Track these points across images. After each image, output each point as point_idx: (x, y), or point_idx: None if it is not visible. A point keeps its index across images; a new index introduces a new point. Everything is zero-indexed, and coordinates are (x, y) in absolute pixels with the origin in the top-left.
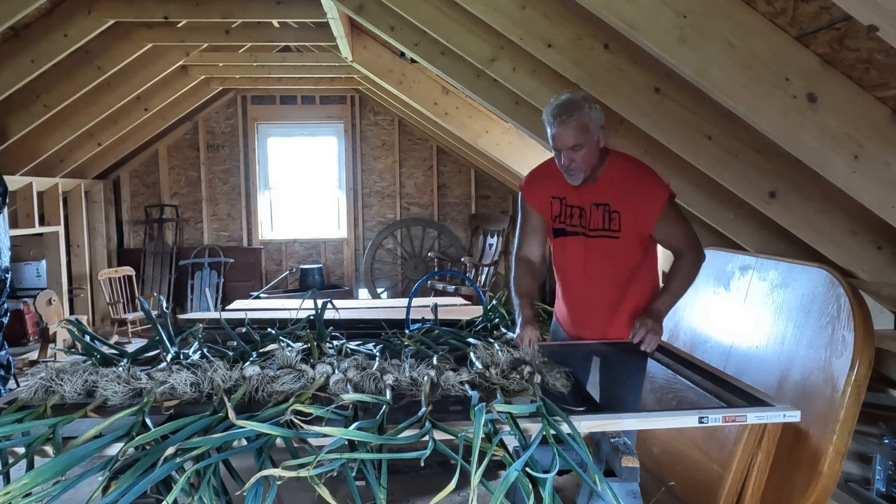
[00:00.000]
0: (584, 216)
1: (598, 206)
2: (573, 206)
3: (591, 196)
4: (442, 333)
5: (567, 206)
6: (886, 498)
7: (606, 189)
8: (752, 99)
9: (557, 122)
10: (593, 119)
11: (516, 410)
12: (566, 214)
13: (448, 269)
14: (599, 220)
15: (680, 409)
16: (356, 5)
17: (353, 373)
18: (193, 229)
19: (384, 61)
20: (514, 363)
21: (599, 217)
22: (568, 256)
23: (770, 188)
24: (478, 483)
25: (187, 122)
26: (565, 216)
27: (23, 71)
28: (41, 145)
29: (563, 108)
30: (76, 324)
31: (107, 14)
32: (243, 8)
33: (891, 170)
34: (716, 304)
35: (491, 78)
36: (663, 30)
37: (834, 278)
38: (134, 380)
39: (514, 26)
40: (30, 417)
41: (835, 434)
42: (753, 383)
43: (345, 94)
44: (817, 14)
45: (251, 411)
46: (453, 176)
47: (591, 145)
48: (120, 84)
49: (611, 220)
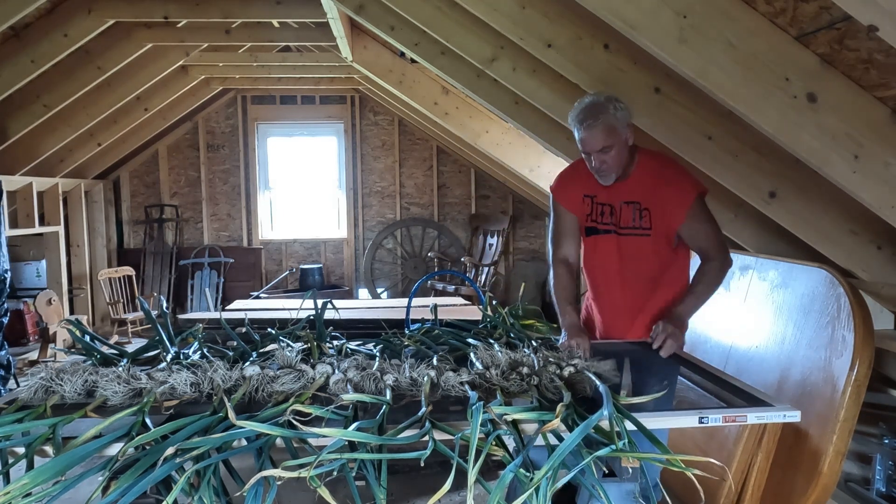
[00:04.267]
0: (616, 214)
1: (629, 203)
2: (604, 203)
3: (621, 194)
4: (442, 333)
5: (598, 204)
6: (886, 498)
7: (637, 187)
8: (752, 99)
9: (584, 126)
10: (619, 119)
11: (513, 412)
12: (597, 212)
13: (448, 269)
14: (630, 218)
15: (680, 409)
16: (356, 5)
17: (353, 373)
18: (193, 229)
19: (384, 61)
20: (513, 364)
21: (630, 215)
22: (599, 255)
23: (770, 188)
24: (474, 482)
25: (187, 122)
26: (596, 214)
27: (23, 71)
28: (41, 145)
29: (589, 111)
30: (76, 324)
31: (107, 14)
32: (243, 8)
33: (891, 170)
34: (716, 304)
35: (491, 78)
36: (663, 30)
37: (834, 278)
38: (134, 380)
39: (515, 26)
40: (30, 417)
41: (835, 434)
42: (753, 383)
43: (345, 94)
44: (817, 14)
45: (251, 411)
46: (453, 176)
47: (620, 145)
48: (120, 84)
49: (641, 218)
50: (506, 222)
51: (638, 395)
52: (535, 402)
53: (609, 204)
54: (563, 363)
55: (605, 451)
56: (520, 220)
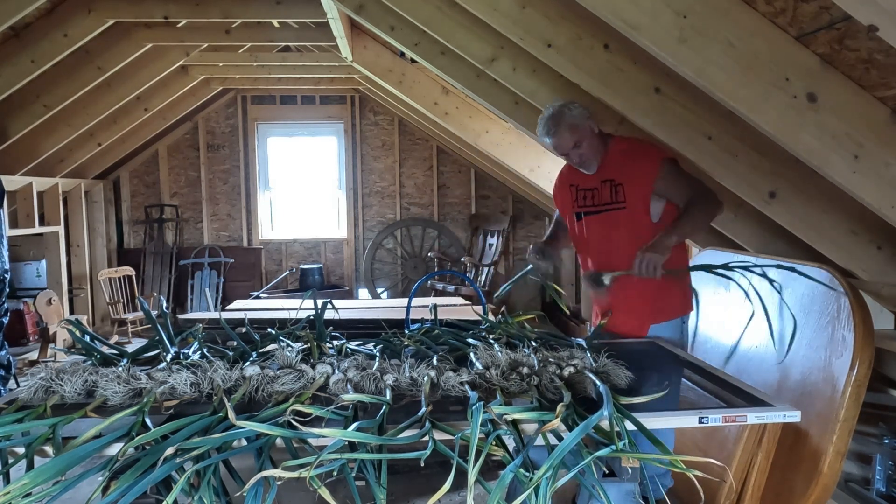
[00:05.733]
0: (596, 195)
1: (605, 182)
2: (586, 189)
3: (598, 175)
4: (442, 333)
5: (581, 190)
6: (886, 498)
7: (611, 166)
8: (752, 99)
9: (550, 134)
10: (577, 116)
11: (513, 412)
12: (581, 198)
13: (448, 269)
14: (607, 195)
15: (680, 410)
16: (356, 5)
17: (353, 373)
18: (193, 229)
19: (384, 61)
20: (512, 364)
21: (607, 192)
22: (588, 236)
23: (770, 188)
24: (474, 482)
25: (187, 122)
26: (580, 199)
27: (23, 71)
28: (41, 145)
29: (549, 121)
30: (76, 324)
31: (107, 14)
32: (243, 8)
33: (891, 170)
34: (716, 304)
35: (491, 78)
36: (663, 30)
37: (834, 278)
38: (134, 380)
39: (515, 26)
40: (30, 417)
41: (835, 434)
42: (753, 383)
43: (345, 94)
44: (817, 14)
45: (251, 411)
46: (453, 176)
47: (588, 136)
48: (120, 84)
49: (616, 193)
50: (506, 222)
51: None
52: (535, 402)
53: (590, 188)
54: (563, 363)
55: (605, 451)
56: (520, 220)
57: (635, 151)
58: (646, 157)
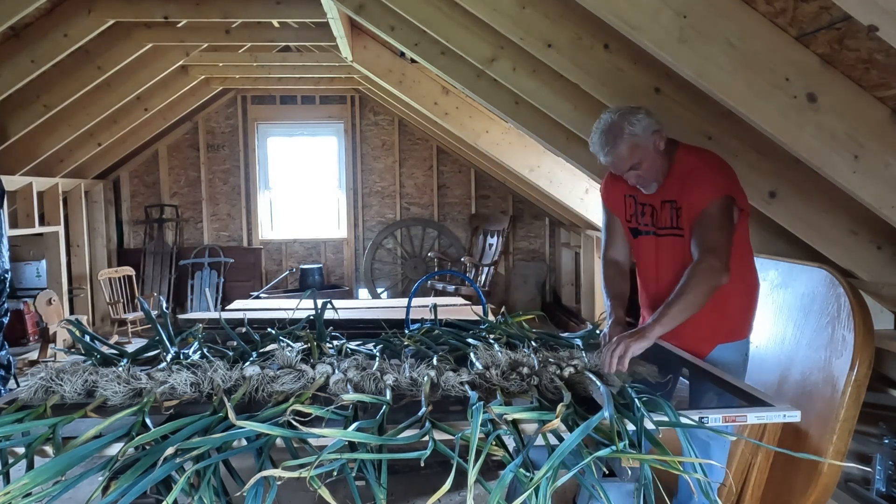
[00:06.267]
0: (655, 214)
1: (666, 202)
2: (644, 203)
3: (660, 193)
4: (442, 333)
5: (639, 203)
6: (886, 498)
7: (674, 184)
8: (752, 99)
9: (605, 153)
10: (639, 132)
11: (513, 412)
12: (639, 213)
13: (448, 269)
14: (668, 218)
15: (680, 410)
16: (356, 5)
17: (353, 373)
18: (193, 229)
19: (384, 61)
20: (513, 364)
21: (668, 215)
22: (641, 257)
23: (770, 188)
24: (474, 482)
25: (187, 122)
26: (638, 215)
27: (23, 71)
28: (41, 145)
29: (605, 137)
30: (76, 324)
31: (107, 14)
32: (243, 8)
33: (891, 170)
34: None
35: (491, 78)
36: (663, 30)
37: (834, 278)
38: (134, 380)
39: (515, 26)
40: (30, 417)
41: (835, 434)
42: (753, 383)
43: (345, 94)
44: (817, 14)
45: (251, 411)
46: (453, 176)
47: (649, 156)
48: (120, 84)
49: (678, 218)
50: (506, 222)
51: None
52: (535, 402)
53: (650, 204)
54: (563, 363)
55: (605, 451)
56: (520, 220)
57: (699, 176)
58: (708, 183)
